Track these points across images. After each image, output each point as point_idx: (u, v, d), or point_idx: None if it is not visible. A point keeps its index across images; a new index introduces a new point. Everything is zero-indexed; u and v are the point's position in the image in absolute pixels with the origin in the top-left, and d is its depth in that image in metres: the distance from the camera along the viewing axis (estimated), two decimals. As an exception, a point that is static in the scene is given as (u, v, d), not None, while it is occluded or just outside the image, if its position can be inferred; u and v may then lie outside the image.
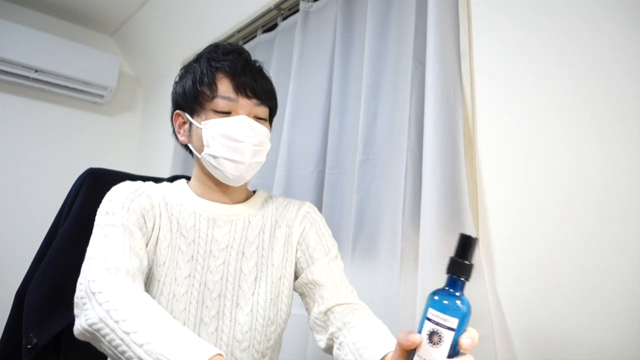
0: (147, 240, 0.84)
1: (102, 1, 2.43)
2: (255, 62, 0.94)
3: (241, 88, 0.88)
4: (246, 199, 0.97)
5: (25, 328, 0.93)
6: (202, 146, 0.88)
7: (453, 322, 0.53)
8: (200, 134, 0.88)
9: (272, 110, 0.96)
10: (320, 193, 1.42)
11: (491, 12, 1.08)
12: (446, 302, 0.54)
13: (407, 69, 1.21)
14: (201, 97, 0.88)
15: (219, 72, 0.89)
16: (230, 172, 0.87)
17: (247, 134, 0.86)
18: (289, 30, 1.74)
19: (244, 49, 0.95)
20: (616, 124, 0.84)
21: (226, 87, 0.88)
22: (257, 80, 0.90)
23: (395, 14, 1.31)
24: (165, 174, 1.99)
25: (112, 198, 0.84)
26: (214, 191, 0.93)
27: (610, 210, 0.83)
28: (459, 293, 0.55)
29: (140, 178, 1.02)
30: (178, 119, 0.97)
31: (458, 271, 0.55)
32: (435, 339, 0.53)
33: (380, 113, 1.28)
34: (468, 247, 0.55)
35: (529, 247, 0.93)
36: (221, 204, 0.93)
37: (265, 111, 0.92)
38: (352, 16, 1.46)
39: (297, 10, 1.69)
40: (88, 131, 2.67)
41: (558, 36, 0.95)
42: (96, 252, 0.74)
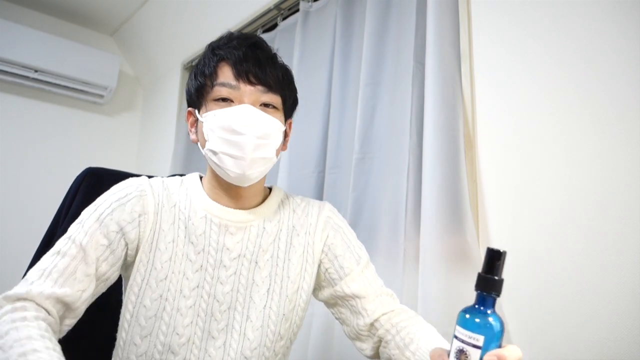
0: (123, 254, 0.78)
1: (102, 1, 2.43)
2: (265, 49, 0.84)
3: (242, 74, 0.79)
4: (263, 201, 0.89)
5: (24, 328, 0.92)
6: (205, 142, 0.80)
7: (479, 340, 0.52)
8: (202, 129, 0.81)
9: (286, 98, 0.85)
10: (320, 193, 1.42)
11: (491, 12, 1.08)
12: (472, 319, 0.53)
13: (408, 69, 1.21)
14: (203, 89, 0.81)
15: (221, 61, 0.81)
16: (231, 170, 0.78)
17: (248, 124, 0.76)
18: (289, 30, 1.74)
19: (256, 36, 0.86)
20: (616, 124, 0.84)
21: (227, 74, 0.80)
22: (264, 66, 0.80)
23: (395, 14, 1.31)
24: (165, 174, 1.99)
25: (98, 203, 0.80)
26: (226, 195, 0.84)
27: (610, 209, 0.83)
28: (490, 310, 0.53)
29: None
30: (190, 117, 0.88)
31: (486, 287, 0.53)
32: (462, 358, 0.52)
33: (378, 112, 1.28)
34: (496, 262, 0.53)
35: (529, 247, 0.93)
36: (234, 210, 0.84)
37: (275, 99, 0.81)
38: (352, 16, 1.46)
39: (297, 10, 1.69)
40: (88, 131, 2.67)
41: (558, 36, 0.95)
42: (33, 271, 0.72)
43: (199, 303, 0.80)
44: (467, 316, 0.53)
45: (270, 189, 0.93)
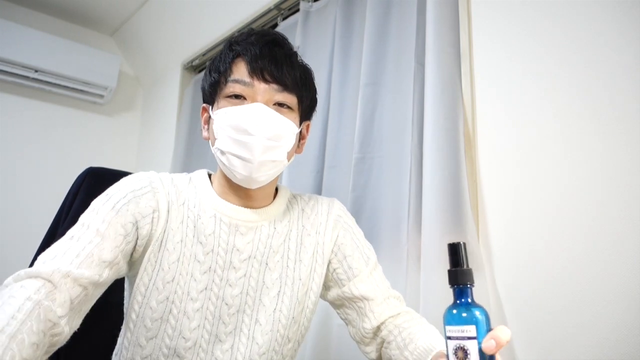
0: (132, 249, 0.74)
1: (102, 1, 2.43)
2: (285, 46, 0.81)
3: (257, 71, 0.75)
4: (273, 201, 0.86)
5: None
6: (215, 140, 0.78)
7: (471, 331, 0.51)
8: (213, 126, 0.78)
9: (303, 99, 0.81)
10: (318, 192, 1.42)
11: (491, 12, 1.08)
12: (458, 314, 0.53)
13: (409, 69, 1.21)
14: (217, 85, 0.79)
15: (237, 57, 0.78)
16: (238, 171, 0.75)
17: (259, 124, 0.73)
18: (289, 30, 1.74)
19: (277, 33, 0.83)
20: (616, 124, 0.84)
21: (241, 71, 0.77)
22: (280, 63, 0.76)
23: (395, 14, 1.31)
24: (165, 174, 1.99)
25: (110, 193, 0.76)
26: (236, 194, 0.81)
27: (610, 209, 0.83)
28: (470, 300, 0.54)
29: None
30: (204, 114, 0.84)
31: (459, 280, 0.54)
32: (460, 354, 0.51)
33: (378, 112, 1.28)
34: (459, 254, 0.55)
35: (529, 247, 0.93)
36: (244, 209, 0.81)
37: (290, 99, 0.78)
38: (352, 16, 1.46)
39: (297, 10, 1.69)
40: (88, 131, 2.67)
41: (558, 36, 0.95)
42: (46, 254, 0.66)
43: (207, 306, 0.77)
44: (454, 312, 0.54)
45: (276, 189, 0.90)
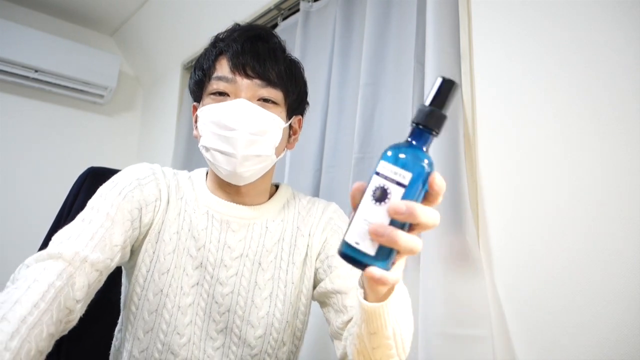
0: (136, 236, 0.75)
1: (102, 1, 2.43)
2: (269, 41, 0.80)
3: (239, 67, 0.75)
4: (269, 199, 0.86)
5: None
6: (200, 137, 0.78)
7: (405, 177, 0.44)
8: (198, 124, 0.78)
9: (290, 93, 0.80)
10: (316, 191, 1.42)
11: (491, 12, 1.08)
12: (402, 156, 0.45)
13: (409, 69, 1.21)
14: (202, 83, 0.79)
15: (220, 54, 0.78)
16: (222, 167, 0.75)
17: (241, 120, 0.72)
18: (290, 30, 1.74)
19: (262, 28, 0.82)
20: (616, 124, 0.84)
21: (224, 68, 0.76)
22: (263, 58, 0.76)
23: (395, 14, 1.31)
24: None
25: (116, 180, 0.76)
26: (226, 190, 0.81)
27: (610, 209, 0.83)
28: (425, 148, 0.46)
29: None
30: (195, 112, 0.84)
31: (427, 121, 0.45)
32: (378, 195, 0.44)
33: (378, 112, 1.28)
34: (446, 94, 0.45)
35: (529, 247, 0.93)
36: (237, 205, 0.81)
37: (275, 94, 0.77)
38: (352, 16, 1.46)
39: (298, 10, 1.69)
40: (88, 131, 2.67)
41: (558, 36, 0.95)
42: (61, 234, 0.66)
43: (198, 301, 0.77)
44: (394, 152, 0.46)
45: (277, 187, 0.89)
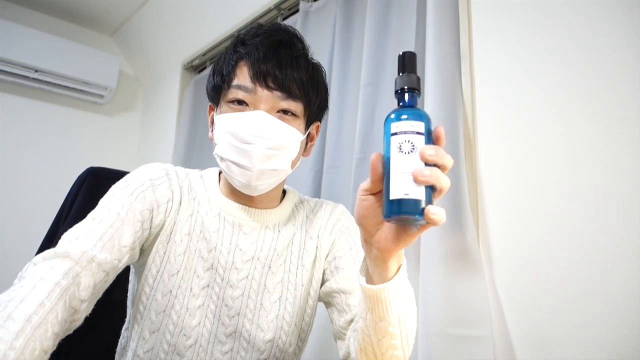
0: (146, 237, 0.75)
1: (102, 1, 2.43)
2: (293, 46, 0.77)
3: (260, 76, 0.72)
4: (280, 203, 0.86)
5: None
6: (215, 145, 0.77)
7: (420, 127, 0.50)
8: (215, 131, 0.77)
9: (311, 103, 0.78)
10: (317, 192, 1.42)
11: (491, 12, 1.08)
12: (406, 115, 0.51)
13: (409, 69, 1.21)
14: (220, 89, 0.77)
15: (240, 60, 0.75)
16: (237, 179, 0.74)
17: (259, 134, 0.71)
18: (289, 30, 1.74)
19: (286, 29, 0.79)
20: (616, 124, 0.84)
21: (244, 76, 0.74)
22: (285, 68, 0.73)
23: (395, 14, 1.31)
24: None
25: (129, 180, 0.76)
26: (239, 194, 0.80)
27: (610, 209, 0.83)
28: (415, 105, 0.53)
29: None
30: (211, 113, 0.82)
31: (410, 83, 0.53)
32: (406, 147, 0.49)
33: (378, 112, 1.28)
34: (409, 62, 0.54)
35: (529, 247, 0.93)
36: (249, 208, 0.81)
37: (295, 106, 0.75)
38: (352, 16, 1.46)
39: (297, 10, 1.69)
40: (88, 131, 2.67)
41: (558, 36, 0.95)
42: (70, 233, 0.66)
43: (208, 304, 0.77)
44: (399, 113, 0.51)
45: (284, 191, 0.89)
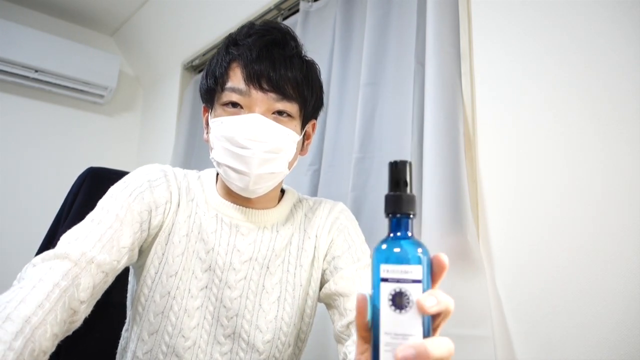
0: (144, 238, 0.74)
1: (102, 1, 2.43)
2: (286, 45, 0.75)
3: (253, 78, 0.71)
4: (278, 203, 0.85)
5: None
6: (212, 148, 0.76)
7: (417, 272, 0.38)
8: (210, 134, 0.77)
9: (306, 103, 0.77)
10: (315, 190, 1.42)
11: (491, 12, 1.08)
12: (398, 250, 0.40)
13: (409, 69, 1.21)
14: (213, 91, 0.76)
15: (233, 61, 0.74)
16: (235, 184, 0.74)
17: (255, 138, 0.70)
18: (289, 30, 1.74)
19: (279, 28, 0.77)
20: (616, 124, 0.84)
21: (237, 78, 0.72)
22: (279, 68, 0.71)
23: (395, 14, 1.31)
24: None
25: (127, 181, 0.75)
26: (237, 195, 0.78)
27: (610, 209, 0.83)
28: (410, 234, 0.42)
29: None
30: (206, 114, 0.81)
31: (400, 207, 0.43)
32: (400, 301, 0.38)
33: (378, 112, 1.28)
34: (402, 175, 0.44)
35: (530, 247, 0.93)
36: (247, 209, 0.80)
37: (291, 107, 0.74)
38: (352, 16, 1.46)
39: (297, 10, 1.69)
40: (88, 131, 2.67)
41: (558, 36, 0.95)
42: (69, 234, 0.66)
43: (206, 305, 0.77)
44: (390, 249, 0.40)
45: (283, 191, 0.89)
